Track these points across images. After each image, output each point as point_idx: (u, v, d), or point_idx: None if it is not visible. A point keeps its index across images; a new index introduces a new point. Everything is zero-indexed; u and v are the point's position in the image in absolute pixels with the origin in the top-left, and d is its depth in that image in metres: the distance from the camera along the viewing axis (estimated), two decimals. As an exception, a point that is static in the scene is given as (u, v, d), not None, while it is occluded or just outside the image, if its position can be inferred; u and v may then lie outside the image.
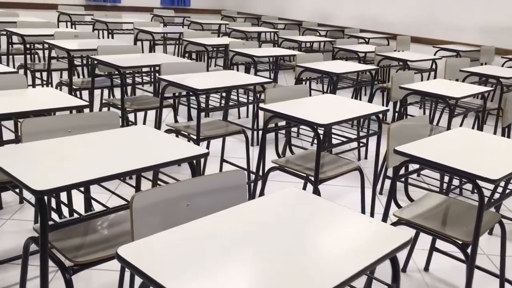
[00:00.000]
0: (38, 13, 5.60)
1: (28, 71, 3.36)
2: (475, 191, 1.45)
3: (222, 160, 2.93)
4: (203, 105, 3.34)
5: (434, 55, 4.60)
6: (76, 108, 1.68)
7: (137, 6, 6.59)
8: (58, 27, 4.33)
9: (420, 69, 4.72)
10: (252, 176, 2.56)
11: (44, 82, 3.67)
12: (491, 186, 1.83)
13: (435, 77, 4.59)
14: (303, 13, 6.89)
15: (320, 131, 1.94)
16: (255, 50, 3.56)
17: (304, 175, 2.00)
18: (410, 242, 0.96)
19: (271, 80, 2.53)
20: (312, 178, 1.93)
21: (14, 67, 3.48)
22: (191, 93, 2.30)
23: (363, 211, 2.26)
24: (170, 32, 4.36)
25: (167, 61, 2.62)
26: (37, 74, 3.78)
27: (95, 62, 2.58)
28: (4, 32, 3.59)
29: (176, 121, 2.90)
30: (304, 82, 3.36)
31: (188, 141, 3.07)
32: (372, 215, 2.30)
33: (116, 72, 2.59)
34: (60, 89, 3.05)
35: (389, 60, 4.10)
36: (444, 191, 2.43)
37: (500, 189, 2.08)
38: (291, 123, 2.18)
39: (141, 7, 6.65)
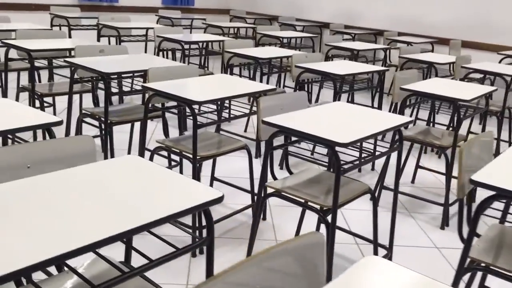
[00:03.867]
0: (27, 15, 5.52)
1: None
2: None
3: (213, 178, 2.78)
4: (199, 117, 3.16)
5: (499, 62, 4.35)
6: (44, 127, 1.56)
7: (137, 6, 6.70)
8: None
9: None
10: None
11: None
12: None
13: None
14: (324, 13, 6.87)
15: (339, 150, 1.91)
16: (322, 65, 3.47)
17: (318, 207, 1.96)
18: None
19: (274, 87, 2.36)
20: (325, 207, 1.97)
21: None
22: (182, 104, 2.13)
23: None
24: (200, 41, 4.20)
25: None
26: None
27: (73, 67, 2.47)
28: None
29: (166, 133, 2.75)
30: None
31: (181, 159, 2.92)
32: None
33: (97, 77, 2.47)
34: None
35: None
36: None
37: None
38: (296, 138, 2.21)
39: (140, 7, 6.74)
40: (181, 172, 3.16)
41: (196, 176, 2.31)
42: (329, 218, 1.87)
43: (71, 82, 2.83)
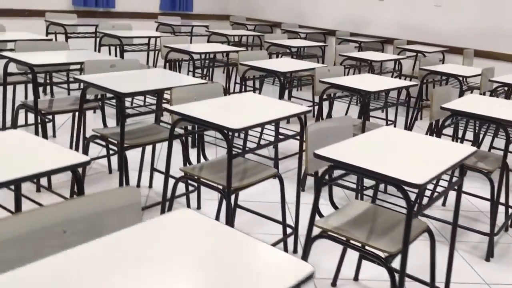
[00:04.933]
0: (20, 22, 5.22)
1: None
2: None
3: (236, 206, 2.90)
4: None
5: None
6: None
7: (134, 12, 6.42)
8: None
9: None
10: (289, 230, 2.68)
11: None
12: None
13: None
14: (328, 20, 6.67)
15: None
16: (347, 80, 3.32)
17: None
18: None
19: (309, 109, 2.43)
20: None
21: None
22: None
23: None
24: (213, 52, 4.05)
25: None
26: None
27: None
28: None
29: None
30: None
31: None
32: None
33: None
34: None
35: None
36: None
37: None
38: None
39: (138, 13, 6.48)
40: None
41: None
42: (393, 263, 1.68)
43: (81, 102, 2.57)
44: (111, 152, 3.36)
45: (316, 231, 1.79)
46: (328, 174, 1.72)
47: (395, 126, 3.78)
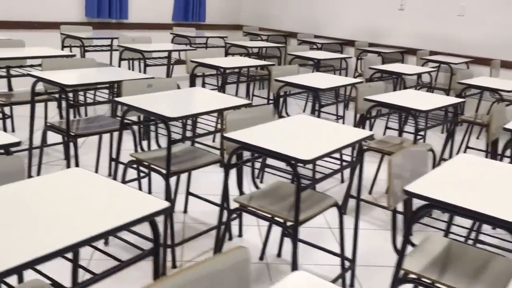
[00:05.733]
0: (31, 35, 5.06)
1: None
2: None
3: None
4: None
5: None
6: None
7: (147, 23, 6.31)
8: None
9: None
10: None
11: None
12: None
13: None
14: (344, 30, 6.52)
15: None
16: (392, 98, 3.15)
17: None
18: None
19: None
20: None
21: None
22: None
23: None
24: (251, 66, 3.88)
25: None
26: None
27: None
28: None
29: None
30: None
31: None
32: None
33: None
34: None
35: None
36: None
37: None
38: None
39: (150, 24, 6.36)
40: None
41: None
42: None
43: (121, 128, 2.40)
44: (142, 174, 3.18)
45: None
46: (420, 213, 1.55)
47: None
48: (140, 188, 3.05)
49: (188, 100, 2.49)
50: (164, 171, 2.27)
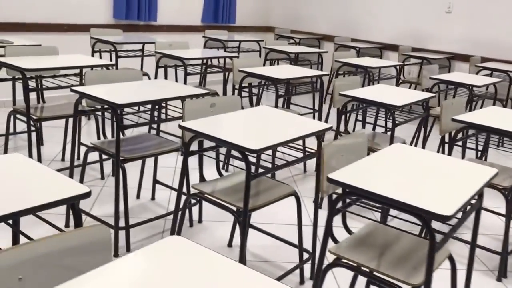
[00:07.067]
0: (59, 38, 4.76)
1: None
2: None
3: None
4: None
5: None
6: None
7: (176, 25, 6.66)
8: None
9: None
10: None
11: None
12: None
13: None
14: (384, 33, 6.27)
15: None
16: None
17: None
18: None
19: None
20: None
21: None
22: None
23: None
24: (306, 77, 3.63)
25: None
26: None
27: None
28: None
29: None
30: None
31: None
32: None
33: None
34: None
35: None
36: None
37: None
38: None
39: (179, 26, 6.72)
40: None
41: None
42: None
43: (185, 157, 2.04)
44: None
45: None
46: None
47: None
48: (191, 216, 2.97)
49: (265, 124, 2.13)
50: (235, 208, 2.15)
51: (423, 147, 3.88)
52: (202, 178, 2.41)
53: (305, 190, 3.55)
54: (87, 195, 1.32)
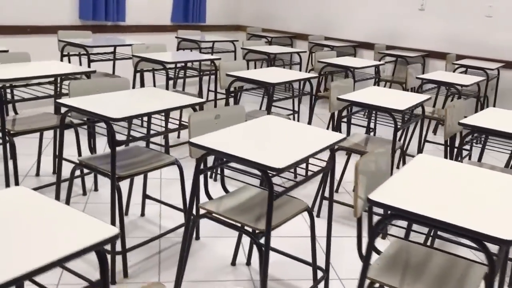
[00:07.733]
0: (23, 41, 4.50)
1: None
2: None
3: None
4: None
5: None
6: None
7: (144, 25, 6.43)
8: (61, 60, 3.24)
9: None
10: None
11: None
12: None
13: None
14: (358, 32, 6.44)
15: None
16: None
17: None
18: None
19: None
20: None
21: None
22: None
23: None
24: (296, 80, 3.51)
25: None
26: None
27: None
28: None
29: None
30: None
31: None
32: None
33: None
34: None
35: None
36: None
37: None
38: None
39: (148, 26, 6.51)
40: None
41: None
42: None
43: (196, 178, 1.86)
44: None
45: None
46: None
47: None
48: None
49: (277, 138, 1.97)
50: (250, 229, 2.04)
51: (421, 150, 3.77)
52: (208, 196, 2.20)
53: (303, 198, 3.39)
54: (116, 237, 1.10)
